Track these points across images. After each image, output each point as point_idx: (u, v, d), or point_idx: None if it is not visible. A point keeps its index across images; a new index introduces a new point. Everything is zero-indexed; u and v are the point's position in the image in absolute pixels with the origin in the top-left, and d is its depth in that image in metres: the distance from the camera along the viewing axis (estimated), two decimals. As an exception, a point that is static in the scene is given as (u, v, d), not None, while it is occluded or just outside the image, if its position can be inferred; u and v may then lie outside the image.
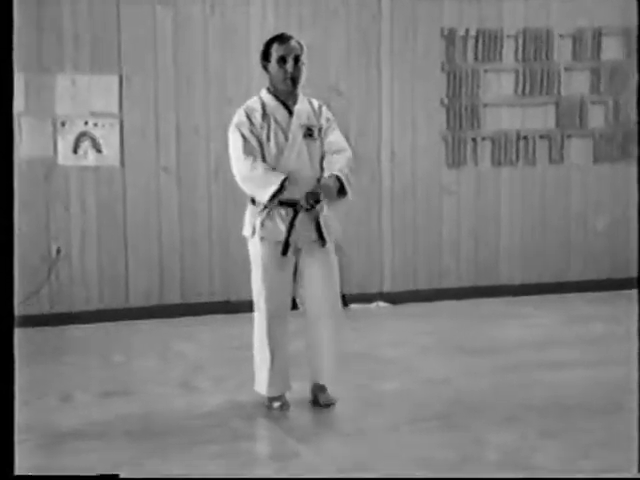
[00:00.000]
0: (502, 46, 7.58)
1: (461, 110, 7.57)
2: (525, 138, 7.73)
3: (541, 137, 7.76)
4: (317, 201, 4.76)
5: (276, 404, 4.93)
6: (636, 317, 6.86)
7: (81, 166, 6.95)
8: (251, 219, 4.85)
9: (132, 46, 6.99)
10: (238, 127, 4.81)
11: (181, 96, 7.13)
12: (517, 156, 7.74)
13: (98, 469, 4.05)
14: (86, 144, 6.94)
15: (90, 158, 6.96)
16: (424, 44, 7.47)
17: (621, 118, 7.91)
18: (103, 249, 7.06)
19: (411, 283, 7.58)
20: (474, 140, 7.63)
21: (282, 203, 4.75)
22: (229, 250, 7.27)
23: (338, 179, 4.78)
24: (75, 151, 6.93)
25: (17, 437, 3.03)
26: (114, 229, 7.06)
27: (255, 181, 4.72)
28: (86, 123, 6.92)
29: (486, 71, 7.60)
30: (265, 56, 4.83)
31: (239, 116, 4.85)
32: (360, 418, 4.81)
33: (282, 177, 4.68)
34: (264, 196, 4.70)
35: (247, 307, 7.18)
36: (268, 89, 4.90)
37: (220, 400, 5.11)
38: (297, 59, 4.78)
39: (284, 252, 4.78)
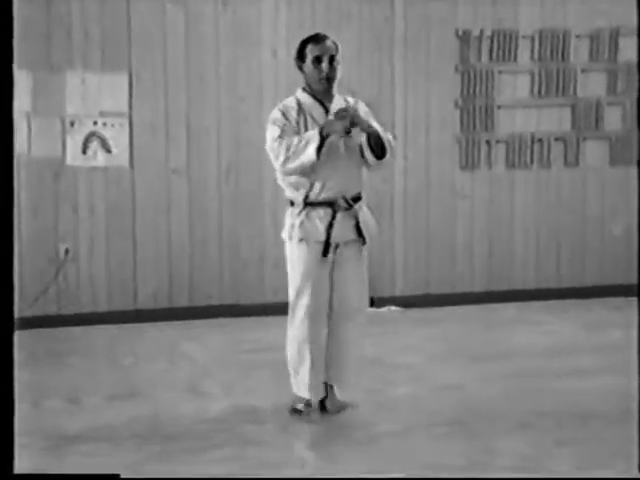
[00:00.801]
0: (517, 47, 7.52)
1: (475, 112, 7.52)
2: (540, 140, 7.67)
3: (556, 139, 7.69)
4: (349, 122, 4.64)
5: (307, 409, 4.87)
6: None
7: (90, 167, 6.92)
8: (290, 221, 4.81)
9: (142, 44, 6.96)
10: (273, 123, 4.78)
11: (192, 95, 7.09)
12: (532, 159, 7.68)
13: (104, 472, 4.01)
14: (95, 144, 6.90)
15: (99, 159, 6.92)
16: (438, 45, 7.43)
17: (638, 120, 7.84)
18: (111, 250, 7.03)
19: (423, 287, 7.52)
20: (488, 142, 7.57)
21: (320, 203, 4.73)
22: (239, 252, 7.23)
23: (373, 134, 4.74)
24: (84, 151, 6.89)
25: (23, 439, 3.00)
26: (123, 230, 7.03)
27: (295, 151, 4.64)
28: (95, 123, 6.88)
29: (501, 72, 7.54)
30: (300, 56, 4.81)
31: (274, 114, 4.83)
32: (371, 424, 4.76)
33: (316, 129, 4.62)
34: (311, 154, 4.59)
35: (257, 310, 7.19)
36: (304, 88, 4.88)
37: (228, 405, 5.07)
38: (332, 59, 4.77)
39: (325, 253, 4.75)
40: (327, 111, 4.80)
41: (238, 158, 7.20)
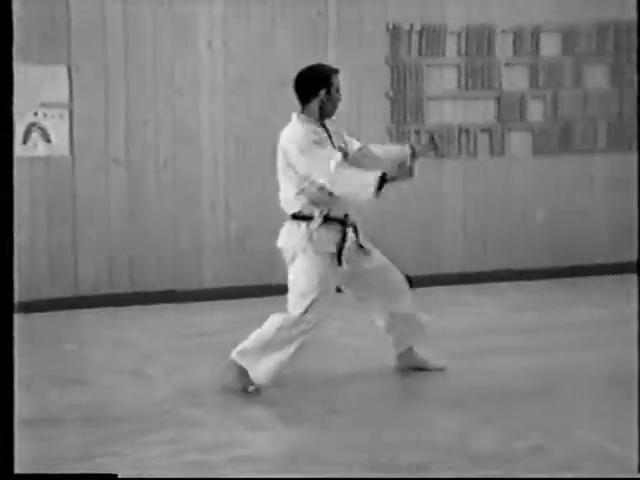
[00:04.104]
0: (445, 41, 7.74)
1: (405, 103, 7.72)
2: (467, 131, 7.89)
3: (482, 130, 7.93)
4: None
5: (252, 387, 5.08)
6: (571, 305, 7.12)
7: (30, 157, 6.97)
8: (302, 234, 5.05)
9: (82, 37, 7.01)
10: (313, 139, 4.97)
11: (131, 87, 7.17)
12: (459, 149, 7.91)
13: (51, 456, 4.15)
14: (35, 135, 6.97)
15: (40, 149, 6.99)
16: (369, 39, 7.59)
17: (559, 112, 8.13)
18: (53, 238, 7.09)
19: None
20: (418, 133, 7.76)
21: (332, 219, 5.04)
22: (178, 240, 7.35)
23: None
24: (25, 142, 6.96)
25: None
26: (63, 219, 7.09)
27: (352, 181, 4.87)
28: (36, 114, 6.95)
29: (429, 66, 7.75)
30: (326, 84, 5.06)
31: (307, 132, 5.00)
32: (309, 403, 4.92)
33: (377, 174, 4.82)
34: (369, 188, 4.79)
35: (196, 296, 7.33)
36: (303, 116, 5.08)
37: (170, 388, 5.19)
38: None
39: (340, 262, 5.08)
40: (329, 136, 5.09)
41: (176, 148, 7.32)
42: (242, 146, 7.46)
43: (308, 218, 5.05)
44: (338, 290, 5.30)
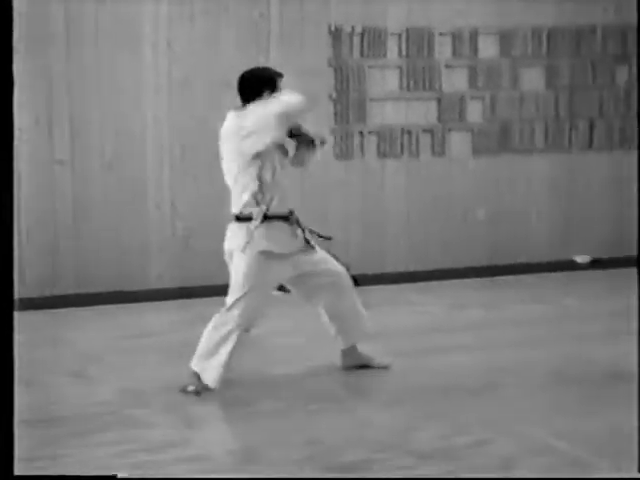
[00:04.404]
0: (386, 43, 7.83)
1: (348, 105, 7.80)
2: (409, 132, 7.99)
3: (424, 131, 8.04)
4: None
5: (191, 388, 5.11)
6: (512, 302, 7.25)
7: (-28, 158, 6.94)
8: (244, 234, 5.09)
9: (24, 38, 6.99)
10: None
11: (74, 88, 7.17)
12: (402, 149, 8.01)
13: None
14: (-22, 136, 6.93)
15: (-18, 150, 6.95)
16: (311, 41, 7.66)
17: (497, 113, 8.25)
18: (-4, 240, 7.06)
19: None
20: (361, 133, 7.86)
21: (276, 217, 5.08)
22: (122, 241, 7.37)
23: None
24: (-34, 144, 6.92)
25: None
26: (7, 221, 7.08)
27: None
28: (-22, 116, 6.91)
29: (371, 67, 7.84)
30: (271, 86, 5.15)
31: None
32: (251, 403, 4.95)
33: None
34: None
35: (141, 296, 7.33)
36: (241, 112, 5.14)
37: (114, 388, 5.20)
38: None
39: (281, 259, 5.12)
40: None
41: (120, 149, 7.33)
42: (187, 146, 7.49)
43: (249, 218, 5.10)
44: (280, 289, 5.36)
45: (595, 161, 8.57)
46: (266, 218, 5.07)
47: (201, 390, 5.11)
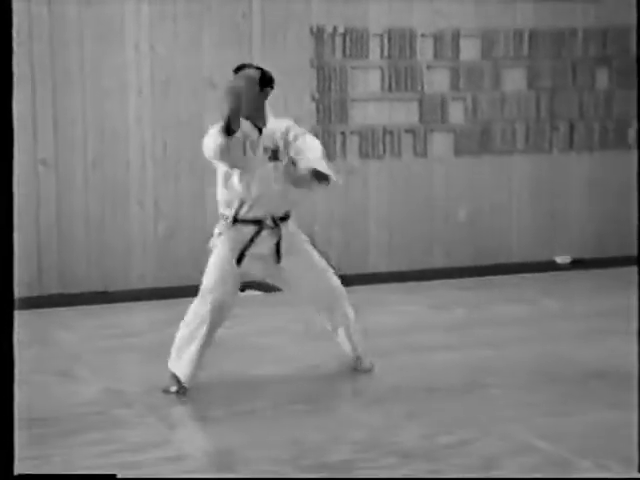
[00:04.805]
0: (368, 44, 7.86)
1: (330, 105, 7.83)
2: (391, 132, 8.02)
3: (406, 131, 8.07)
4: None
5: (173, 388, 5.13)
6: (494, 302, 7.28)
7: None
8: (217, 231, 5.15)
9: (6, 39, 7.00)
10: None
11: (58, 89, 7.17)
12: (384, 149, 8.04)
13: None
14: (-40, 136, 6.92)
15: (-36, 150, 6.94)
16: (294, 41, 7.68)
17: (479, 114, 8.30)
18: (-22, 241, 7.05)
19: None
20: (343, 134, 7.88)
21: (248, 221, 5.08)
22: (106, 241, 7.37)
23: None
24: (-52, 144, 6.90)
25: None
26: (-10, 221, 7.06)
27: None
28: (-40, 116, 6.90)
29: (353, 68, 7.87)
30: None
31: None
32: (232, 404, 4.96)
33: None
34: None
35: (124, 296, 7.34)
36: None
37: (98, 388, 5.22)
38: None
39: (239, 262, 5.12)
40: (260, 133, 5.09)
41: (104, 149, 7.34)
42: (170, 146, 7.50)
43: (224, 218, 5.15)
44: (242, 290, 5.40)
45: (576, 162, 8.63)
46: (236, 221, 5.09)
47: (182, 391, 5.12)
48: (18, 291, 7.26)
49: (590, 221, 8.65)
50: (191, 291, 7.18)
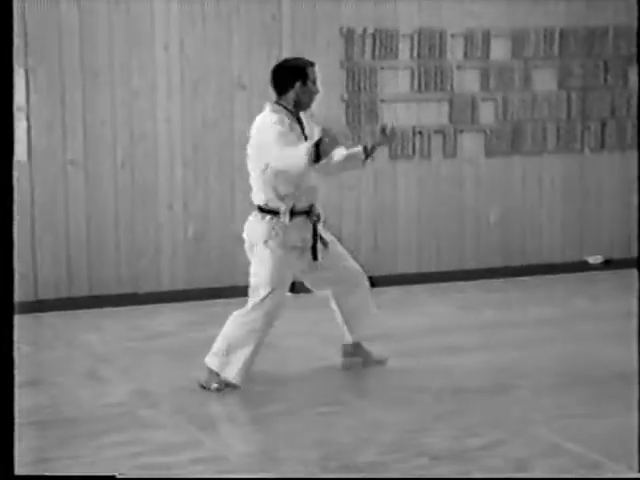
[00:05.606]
0: (398, 45, 7.82)
1: (360, 106, 7.80)
2: (420, 133, 7.98)
3: (435, 132, 8.02)
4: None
5: (214, 386, 5.15)
6: (524, 304, 7.23)
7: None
8: (267, 227, 5.13)
9: (38, 40, 7.02)
10: (276, 124, 5.02)
11: (87, 89, 7.19)
12: (413, 150, 8.01)
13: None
14: (-8, 140, 6.95)
15: (-4, 154, 6.97)
16: (324, 42, 7.65)
17: (509, 114, 8.25)
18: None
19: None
20: (373, 134, 7.84)
21: (298, 213, 5.14)
22: (136, 242, 7.39)
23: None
24: (-20, 147, 6.94)
25: None
26: (22, 222, 7.03)
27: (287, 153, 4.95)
28: (-9, 119, 6.93)
29: (383, 68, 7.82)
30: (302, 76, 5.13)
31: (273, 119, 5.05)
32: (263, 404, 4.97)
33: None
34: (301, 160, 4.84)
35: (154, 298, 7.36)
36: (275, 106, 5.15)
37: (126, 389, 5.23)
38: None
39: (315, 257, 5.24)
40: (302, 128, 5.18)
41: (133, 150, 7.35)
42: (199, 148, 7.51)
43: (273, 212, 5.13)
44: (291, 290, 5.43)
45: (607, 162, 8.56)
46: (292, 214, 5.11)
47: (223, 387, 5.14)
48: (47, 293, 7.39)
49: (622, 221, 8.57)
50: (221, 293, 7.27)
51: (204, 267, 7.57)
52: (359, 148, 5.43)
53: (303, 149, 4.81)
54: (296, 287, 7.71)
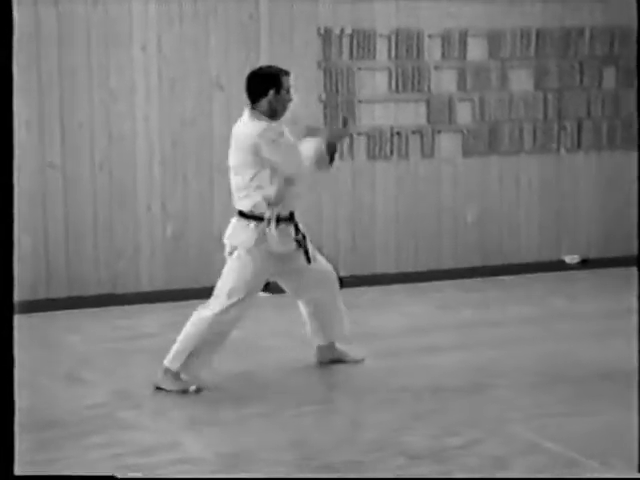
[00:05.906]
0: (375, 45, 7.84)
1: (337, 106, 7.81)
2: (398, 133, 8.00)
3: (413, 132, 8.04)
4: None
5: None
6: (502, 303, 7.27)
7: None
8: (253, 233, 5.13)
9: (16, 41, 6.99)
10: (277, 138, 5.10)
11: (65, 91, 7.18)
12: (391, 150, 8.03)
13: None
14: (-32, 141, 6.93)
15: (-27, 154, 6.95)
16: (301, 42, 7.66)
17: (486, 114, 8.29)
18: (-13, 243, 7.07)
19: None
20: (350, 135, 7.86)
21: (282, 219, 5.15)
22: (114, 242, 7.38)
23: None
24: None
25: None
26: (-2, 224, 7.08)
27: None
28: (-32, 119, 6.91)
29: (360, 69, 7.84)
30: (276, 84, 5.14)
31: (271, 129, 5.11)
32: (239, 406, 4.97)
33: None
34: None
35: (133, 299, 7.35)
36: (257, 114, 5.16)
37: (106, 391, 5.23)
38: None
39: (309, 260, 5.28)
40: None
41: (111, 152, 7.34)
42: (177, 148, 7.51)
43: (259, 218, 5.13)
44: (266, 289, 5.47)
45: (583, 162, 8.61)
46: (277, 220, 5.13)
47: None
48: (26, 294, 7.38)
49: (598, 221, 8.63)
50: (199, 293, 7.25)
51: (183, 266, 7.57)
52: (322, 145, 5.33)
53: (318, 152, 5.10)
54: (270, 287, 7.74)
